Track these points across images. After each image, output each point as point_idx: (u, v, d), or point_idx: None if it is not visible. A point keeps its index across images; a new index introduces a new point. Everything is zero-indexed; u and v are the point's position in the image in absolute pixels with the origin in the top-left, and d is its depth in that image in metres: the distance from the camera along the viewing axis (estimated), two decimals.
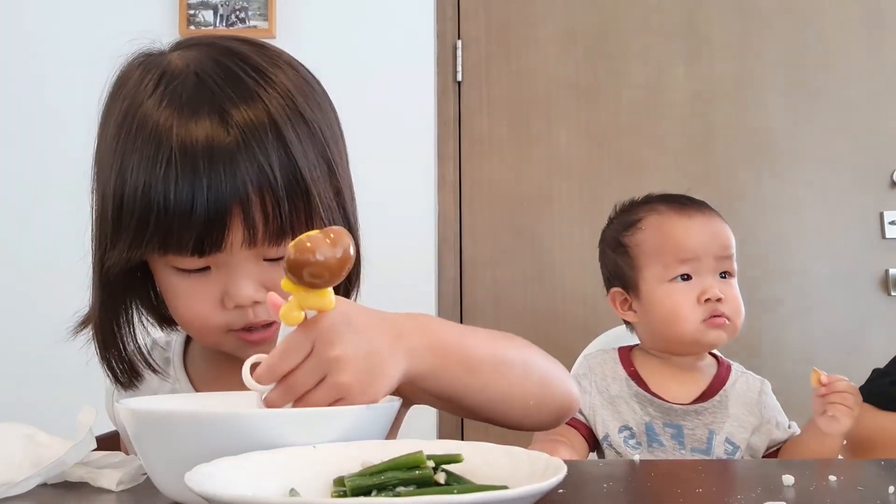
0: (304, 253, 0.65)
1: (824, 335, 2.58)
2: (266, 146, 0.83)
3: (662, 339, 1.53)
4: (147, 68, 0.89)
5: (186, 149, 0.82)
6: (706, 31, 2.69)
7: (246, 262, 0.86)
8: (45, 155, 2.48)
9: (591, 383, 1.53)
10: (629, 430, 1.47)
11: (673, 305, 1.49)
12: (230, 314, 0.88)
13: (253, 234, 0.83)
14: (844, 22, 2.68)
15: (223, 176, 0.81)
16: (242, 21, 2.52)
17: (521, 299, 2.55)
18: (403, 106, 2.54)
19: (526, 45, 2.66)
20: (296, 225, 0.85)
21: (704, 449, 1.46)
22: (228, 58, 0.88)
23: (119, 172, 0.84)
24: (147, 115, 0.84)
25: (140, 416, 0.71)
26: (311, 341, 0.70)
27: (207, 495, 0.56)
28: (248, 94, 0.85)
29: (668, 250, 1.51)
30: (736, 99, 2.67)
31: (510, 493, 0.55)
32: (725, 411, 1.50)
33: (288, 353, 0.70)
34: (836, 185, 2.65)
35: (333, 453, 0.67)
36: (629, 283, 1.56)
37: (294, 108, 0.87)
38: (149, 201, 0.82)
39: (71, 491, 0.77)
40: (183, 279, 0.88)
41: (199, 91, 0.85)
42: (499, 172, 2.61)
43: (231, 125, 0.83)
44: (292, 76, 0.89)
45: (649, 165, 2.63)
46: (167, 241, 0.83)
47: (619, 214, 1.64)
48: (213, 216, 0.82)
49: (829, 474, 0.77)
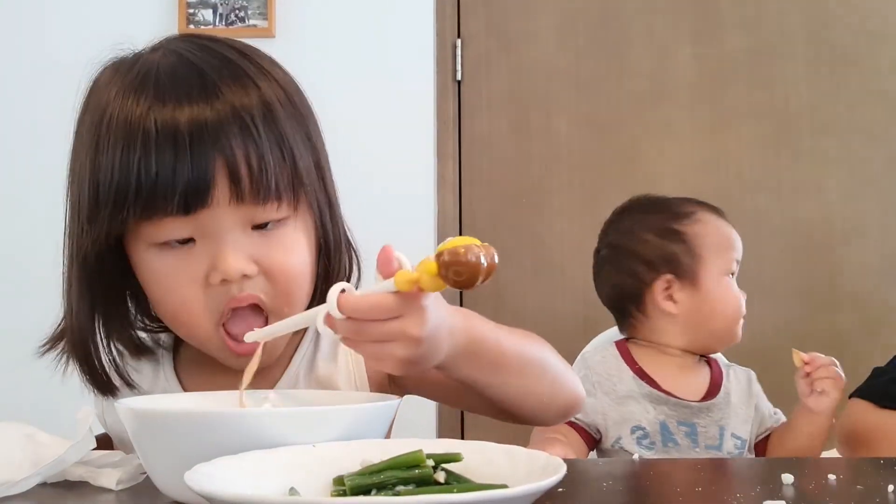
0: (461, 257, 0.67)
1: (854, 329, 2.46)
2: (250, 108, 0.84)
3: (707, 332, 1.53)
4: (117, 67, 0.90)
5: (167, 121, 0.82)
6: (715, 4, 2.56)
7: (233, 231, 0.85)
8: (42, 156, 2.48)
9: (594, 385, 1.49)
10: (642, 431, 1.45)
11: (734, 300, 1.54)
12: (216, 292, 0.86)
13: (239, 189, 0.83)
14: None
15: (206, 132, 0.82)
16: (242, 20, 2.52)
17: (522, 298, 2.55)
18: (403, 105, 2.53)
19: (525, 39, 2.62)
20: (281, 186, 0.85)
21: (717, 446, 1.47)
22: (212, 42, 0.90)
23: (93, 160, 0.84)
24: (121, 109, 0.84)
25: (140, 416, 0.71)
26: (404, 310, 0.71)
27: (207, 494, 0.56)
28: (235, 69, 0.87)
29: (729, 247, 1.55)
30: (750, 77, 2.54)
31: (509, 491, 0.55)
32: (729, 407, 1.51)
33: (381, 306, 0.71)
34: (868, 163, 2.49)
35: (333, 452, 0.67)
36: (684, 272, 1.52)
37: (279, 87, 0.88)
38: (128, 171, 0.81)
39: (70, 490, 0.77)
40: (165, 257, 0.85)
41: (179, 71, 0.86)
42: (498, 171, 2.60)
43: (215, 94, 0.84)
44: (279, 72, 0.91)
45: (653, 155, 2.55)
46: (150, 204, 0.82)
47: (651, 205, 1.61)
48: (197, 172, 0.81)
49: (828, 473, 0.77)
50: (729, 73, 2.57)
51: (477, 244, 0.68)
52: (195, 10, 2.52)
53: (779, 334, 2.42)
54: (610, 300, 1.62)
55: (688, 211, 1.57)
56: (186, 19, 2.52)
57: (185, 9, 2.52)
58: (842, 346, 2.42)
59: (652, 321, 1.55)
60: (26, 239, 2.50)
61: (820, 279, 2.53)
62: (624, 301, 1.58)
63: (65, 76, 2.80)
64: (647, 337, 1.56)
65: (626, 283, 1.57)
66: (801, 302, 2.52)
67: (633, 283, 1.55)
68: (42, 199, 2.45)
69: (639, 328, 1.57)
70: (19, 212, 2.54)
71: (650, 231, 1.56)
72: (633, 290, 1.55)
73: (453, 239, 0.68)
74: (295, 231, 0.88)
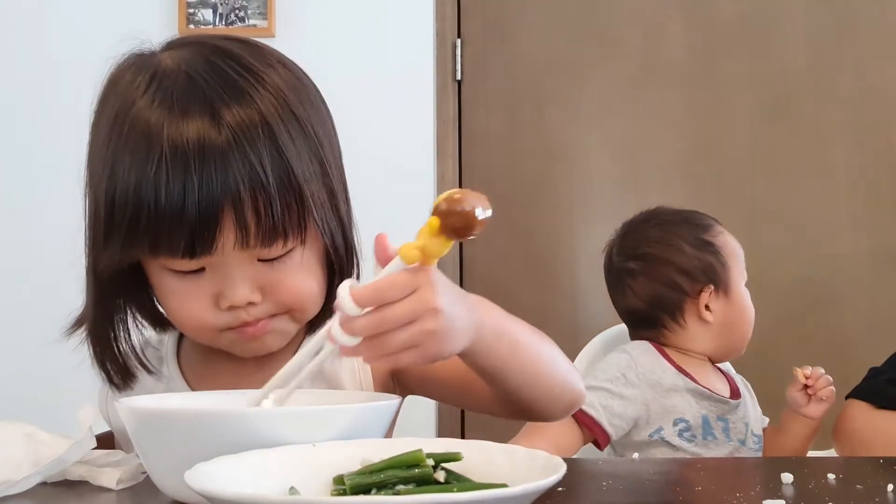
0: (455, 204, 0.68)
1: (857, 322, 2.36)
2: (258, 146, 0.83)
3: (733, 339, 1.60)
4: (138, 68, 0.89)
5: (178, 148, 0.81)
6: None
7: (240, 264, 0.86)
8: (43, 154, 2.48)
9: (639, 375, 1.52)
10: (685, 423, 1.50)
11: (752, 307, 1.61)
12: (225, 315, 0.88)
13: (245, 235, 0.83)
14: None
15: (214, 175, 0.81)
16: (242, 20, 2.52)
17: (523, 298, 2.54)
18: (403, 104, 2.54)
19: (525, 39, 2.61)
20: (288, 226, 0.84)
21: (742, 440, 1.55)
22: (219, 57, 0.88)
23: (110, 173, 0.84)
24: (138, 115, 0.84)
25: (140, 415, 0.72)
26: (417, 285, 0.71)
27: (207, 494, 0.56)
28: (240, 93, 0.85)
29: (742, 256, 1.62)
30: (745, 46, 2.41)
31: (509, 491, 0.55)
32: (746, 405, 1.61)
33: (396, 285, 0.70)
34: (881, 132, 2.31)
35: (333, 451, 0.67)
36: (721, 282, 1.58)
37: (286, 108, 0.86)
38: (139, 201, 0.82)
39: (71, 489, 0.77)
40: (177, 280, 0.87)
41: (190, 90, 0.84)
42: (498, 171, 2.60)
43: (223, 125, 0.83)
44: (284, 75, 0.89)
45: (642, 141, 2.49)
46: (158, 243, 0.83)
47: (672, 217, 1.64)
48: (203, 217, 0.81)
49: (828, 473, 0.77)
50: (722, 44, 2.47)
51: (470, 192, 0.68)
52: (195, 9, 2.52)
53: (776, 329, 2.33)
54: (638, 312, 1.62)
55: (708, 223, 1.63)
56: (186, 19, 2.52)
57: (185, 9, 2.52)
58: (843, 342, 2.36)
59: (688, 331, 1.59)
60: (28, 237, 2.50)
61: (824, 270, 2.39)
62: (658, 312, 1.59)
63: (64, 75, 2.82)
64: (676, 345, 1.60)
65: (663, 294, 1.58)
66: (801, 295, 2.41)
67: (671, 293, 1.58)
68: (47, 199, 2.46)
69: (671, 337, 1.59)
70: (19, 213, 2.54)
71: (686, 242, 1.59)
72: (673, 300, 1.58)
73: (449, 191, 0.69)
74: (303, 257, 0.88)
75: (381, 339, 0.70)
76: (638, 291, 1.61)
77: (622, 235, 1.66)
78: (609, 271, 1.67)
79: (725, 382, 1.62)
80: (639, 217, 1.67)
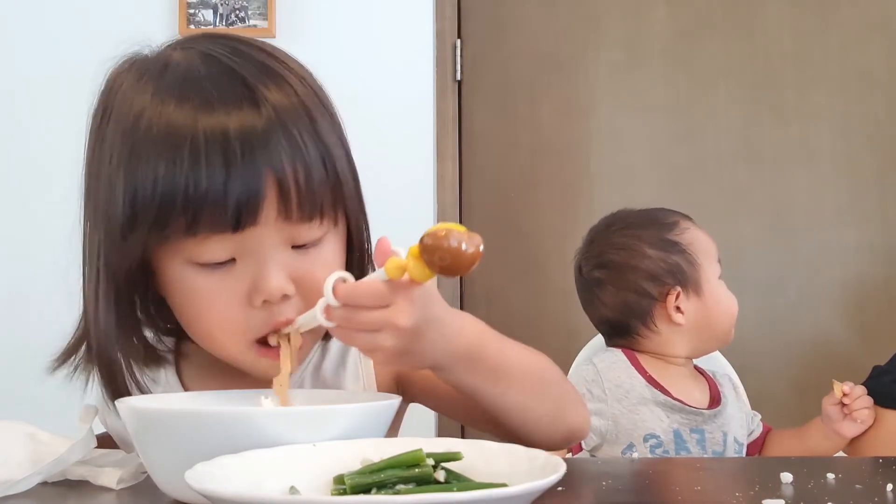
0: (442, 241, 0.67)
1: (840, 319, 2.33)
2: (298, 125, 0.83)
3: (710, 336, 1.54)
4: (143, 66, 0.87)
5: (216, 132, 0.79)
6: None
7: (275, 250, 0.83)
8: (43, 156, 2.48)
9: (606, 390, 1.47)
10: (656, 439, 1.45)
11: (731, 300, 1.56)
12: (256, 315, 0.83)
13: (288, 206, 0.81)
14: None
15: (257, 147, 0.80)
16: (242, 20, 2.53)
17: (522, 297, 2.55)
18: (402, 105, 2.54)
19: (520, 34, 2.61)
20: (325, 204, 0.84)
21: (720, 451, 1.48)
22: (243, 44, 0.88)
23: (129, 169, 0.81)
24: (161, 112, 0.81)
25: (141, 414, 0.72)
26: (392, 301, 0.72)
27: (208, 493, 0.56)
28: (275, 76, 0.84)
29: (714, 250, 1.56)
30: (728, 27, 2.38)
31: (509, 490, 0.55)
32: (728, 413, 1.53)
33: (374, 293, 0.72)
34: (867, 116, 2.25)
35: (333, 451, 0.67)
36: (689, 281, 1.52)
37: (314, 93, 0.87)
38: (173, 184, 0.78)
39: (71, 489, 0.77)
40: (204, 276, 0.83)
41: (218, 77, 0.83)
42: (498, 171, 2.60)
43: (263, 105, 0.81)
44: (302, 65, 0.90)
45: (626, 132, 2.47)
46: (197, 220, 0.79)
47: (636, 219, 1.58)
48: (249, 188, 0.79)
49: (827, 472, 0.77)
50: (705, 28, 2.45)
51: (461, 230, 0.67)
52: (195, 10, 2.52)
53: (760, 325, 2.32)
54: (610, 321, 1.57)
55: (673, 221, 1.56)
56: (186, 19, 2.52)
57: (186, 9, 2.52)
58: (827, 338, 2.32)
59: (661, 335, 1.53)
60: (27, 241, 2.50)
61: (808, 263, 2.35)
62: (629, 319, 1.54)
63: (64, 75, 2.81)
64: (652, 350, 1.54)
65: (631, 301, 1.53)
66: (784, 291, 2.37)
67: (639, 299, 1.52)
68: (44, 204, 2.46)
69: (645, 343, 1.54)
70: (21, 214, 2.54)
71: (649, 245, 1.53)
72: (641, 306, 1.52)
73: (440, 224, 0.68)
74: (332, 246, 0.87)
75: (348, 332, 0.74)
76: (607, 301, 1.55)
77: (587, 243, 1.61)
78: (578, 281, 1.61)
79: (705, 388, 1.55)
80: (602, 222, 1.61)
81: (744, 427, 1.55)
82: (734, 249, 2.07)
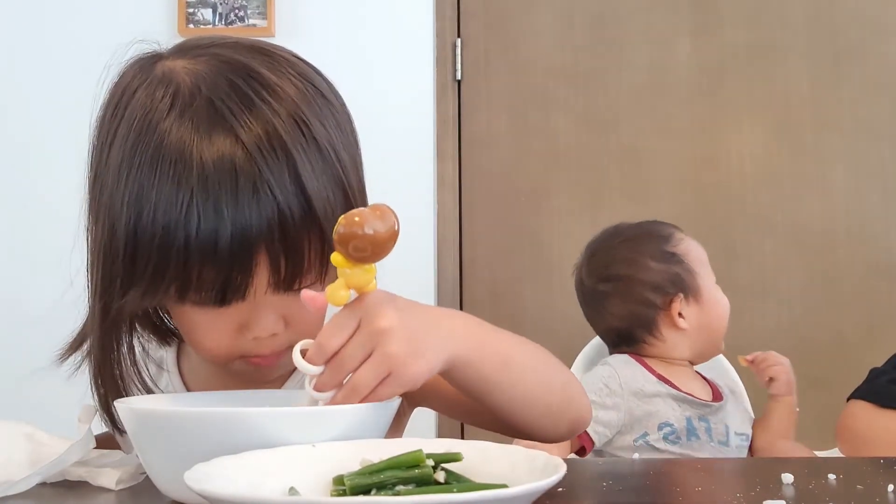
0: (352, 226, 0.66)
1: (857, 330, 2.43)
2: (284, 183, 0.79)
3: (709, 339, 1.67)
4: (155, 84, 0.84)
5: (209, 183, 0.77)
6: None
7: (265, 298, 0.83)
8: (42, 154, 2.48)
9: (621, 384, 1.58)
10: (671, 427, 1.57)
11: (726, 304, 1.68)
12: (246, 342, 0.85)
13: (277, 281, 0.81)
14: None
15: (247, 212, 0.78)
16: (241, 20, 2.52)
17: (522, 298, 2.55)
18: (402, 104, 2.54)
19: (524, 38, 2.62)
20: (314, 266, 0.82)
21: (724, 441, 1.62)
22: (239, 75, 0.83)
23: (134, 206, 0.79)
24: (165, 143, 0.79)
25: (140, 415, 0.71)
26: (358, 318, 0.70)
27: (207, 494, 0.56)
28: (263, 119, 0.81)
29: (706, 258, 1.69)
30: (750, 71, 2.52)
31: (509, 491, 0.55)
32: (727, 408, 1.66)
33: (335, 329, 0.70)
34: (873, 160, 2.47)
35: (333, 452, 0.67)
36: (689, 289, 1.64)
37: (308, 132, 0.83)
38: (169, 244, 0.78)
39: (70, 490, 0.77)
40: (201, 314, 0.84)
41: (215, 118, 0.80)
42: (498, 171, 2.60)
43: (252, 157, 0.79)
44: (301, 89, 0.85)
45: (651, 151, 2.54)
46: (186, 288, 0.80)
47: (634, 233, 1.69)
48: (237, 258, 0.78)
49: (828, 473, 0.77)
50: (728, 67, 2.56)
51: (367, 210, 0.67)
52: (195, 9, 2.52)
53: (780, 335, 2.41)
54: (617, 330, 1.69)
55: (669, 232, 1.69)
56: (186, 19, 2.52)
57: (185, 8, 2.52)
58: (845, 347, 2.43)
59: (665, 342, 1.66)
60: (31, 236, 2.51)
61: (822, 279, 2.49)
62: (635, 329, 1.66)
63: (63, 75, 2.81)
64: (658, 355, 1.66)
65: (638, 312, 1.65)
66: (802, 302, 2.50)
67: (646, 310, 1.65)
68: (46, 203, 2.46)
69: (650, 350, 1.67)
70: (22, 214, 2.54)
71: (650, 258, 1.65)
72: (647, 316, 1.65)
73: (341, 217, 0.67)
74: (323, 285, 0.85)
75: (350, 384, 0.70)
76: (615, 312, 1.67)
77: (590, 256, 1.72)
78: (582, 294, 1.73)
79: (706, 387, 1.68)
80: (602, 236, 1.73)
81: (745, 423, 1.69)
82: (754, 265, 2.24)
